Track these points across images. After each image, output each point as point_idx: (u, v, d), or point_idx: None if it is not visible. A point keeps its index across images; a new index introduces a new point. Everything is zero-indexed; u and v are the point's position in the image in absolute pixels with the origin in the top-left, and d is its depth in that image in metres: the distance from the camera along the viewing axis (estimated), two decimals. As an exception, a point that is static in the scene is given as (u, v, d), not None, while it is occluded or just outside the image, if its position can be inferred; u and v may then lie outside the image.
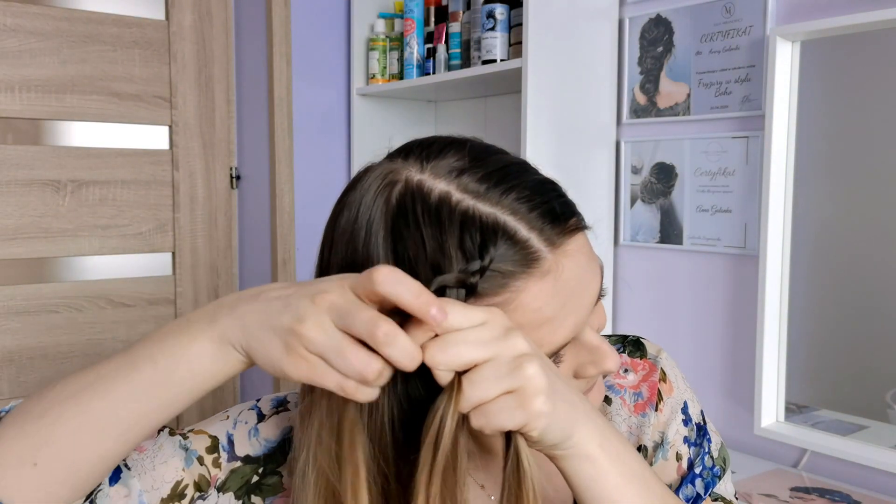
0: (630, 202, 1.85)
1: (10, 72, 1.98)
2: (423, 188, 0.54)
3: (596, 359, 0.58)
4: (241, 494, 0.65)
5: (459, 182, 0.54)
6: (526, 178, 0.55)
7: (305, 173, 2.23)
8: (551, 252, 0.54)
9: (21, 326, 2.02)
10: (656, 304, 1.83)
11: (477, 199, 0.53)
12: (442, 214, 0.53)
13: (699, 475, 0.71)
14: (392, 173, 0.56)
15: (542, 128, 1.73)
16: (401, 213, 0.54)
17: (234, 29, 2.30)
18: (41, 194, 2.04)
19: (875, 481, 1.47)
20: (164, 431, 0.65)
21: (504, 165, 0.56)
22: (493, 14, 1.83)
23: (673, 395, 0.73)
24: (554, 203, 0.55)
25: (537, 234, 0.53)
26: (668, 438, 0.72)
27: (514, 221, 0.53)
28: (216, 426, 0.67)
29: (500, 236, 0.52)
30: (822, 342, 1.57)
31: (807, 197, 1.55)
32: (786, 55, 1.54)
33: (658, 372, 0.73)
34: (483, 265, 0.52)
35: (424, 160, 0.56)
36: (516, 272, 0.53)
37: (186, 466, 0.63)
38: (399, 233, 0.53)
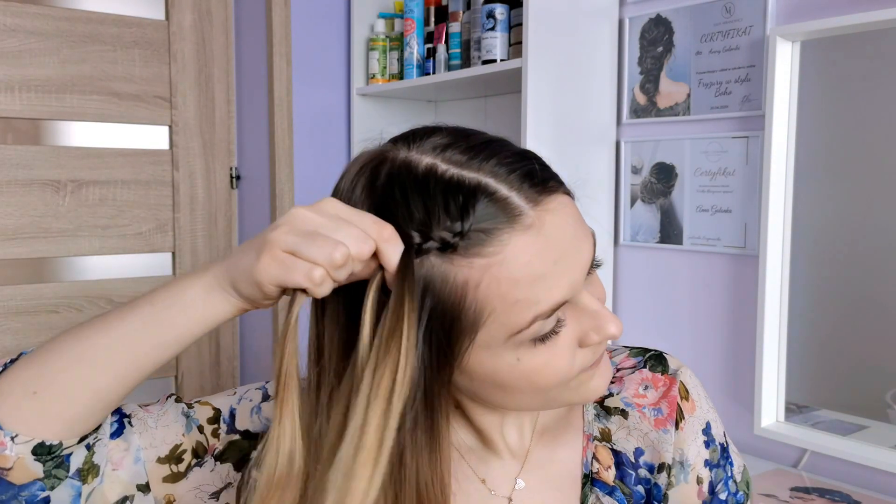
0: (630, 202, 1.85)
1: (10, 72, 1.98)
2: (409, 163, 0.57)
3: (598, 324, 0.59)
4: (241, 467, 0.67)
5: (444, 155, 0.57)
6: (507, 148, 0.59)
7: (305, 173, 2.23)
8: (532, 209, 0.56)
9: (21, 326, 2.02)
10: (656, 304, 1.83)
11: (461, 167, 0.56)
12: (429, 183, 0.56)
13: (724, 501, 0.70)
14: (379, 155, 0.60)
15: (542, 128, 1.73)
16: (388, 187, 0.57)
17: (234, 29, 2.30)
18: (41, 194, 2.04)
19: (875, 481, 1.48)
20: (172, 398, 0.68)
21: (486, 140, 0.59)
22: (493, 14, 1.83)
23: (695, 413, 0.72)
24: (532, 166, 0.58)
25: (517, 192, 0.56)
26: (689, 460, 0.70)
27: (494, 183, 0.56)
28: (221, 399, 0.70)
29: (480, 196, 0.55)
30: (822, 342, 1.57)
31: (807, 197, 1.55)
32: (786, 55, 1.54)
33: (677, 386, 0.72)
34: (464, 227, 0.54)
35: (410, 143, 0.59)
36: (499, 227, 0.55)
37: (186, 432, 0.66)
38: (386, 206, 0.56)
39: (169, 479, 0.64)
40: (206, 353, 2.32)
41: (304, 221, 0.54)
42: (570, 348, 0.59)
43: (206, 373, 2.33)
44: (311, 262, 0.52)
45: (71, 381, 0.56)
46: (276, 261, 0.53)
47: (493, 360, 0.58)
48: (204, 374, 2.32)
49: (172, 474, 0.64)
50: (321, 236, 0.53)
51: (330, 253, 0.52)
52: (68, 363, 0.56)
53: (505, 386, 0.59)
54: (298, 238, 0.53)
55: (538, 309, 0.56)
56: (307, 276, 0.52)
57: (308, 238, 0.53)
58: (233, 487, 0.67)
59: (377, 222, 0.54)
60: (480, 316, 0.56)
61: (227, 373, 2.36)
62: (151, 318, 0.57)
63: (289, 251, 0.53)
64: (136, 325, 0.57)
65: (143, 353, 0.57)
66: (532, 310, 0.55)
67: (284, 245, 0.53)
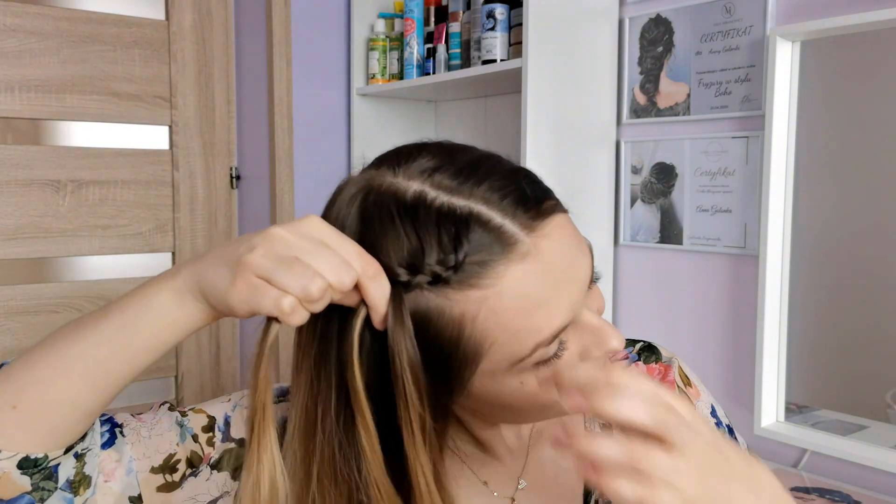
0: (630, 202, 1.85)
1: (10, 72, 1.98)
2: (396, 190, 0.55)
3: (599, 339, 0.58)
4: (238, 476, 0.66)
5: (432, 180, 0.55)
6: (497, 169, 0.56)
7: (305, 173, 2.23)
8: (528, 235, 0.54)
9: (21, 326, 2.02)
10: (656, 305, 1.83)
11: (451, 194, 0.54)
12: (418, 212, 0.53)
13: None
14: (365, 182, 0.57)
15: (542, 128, 1.73)
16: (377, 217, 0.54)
17: (234, 29, 2.30)
18: (41, 194, 2.04)
19: (875, 481, 1.47)
20: (165, 406, 0.67)
21: (475, 159, 0.57)
22: (493, 14, 1.83)
23: (701, 398, 0.72)
24: (525, 188, 0.56)
25: (511, 220, 0.54)
26: None
27: (486, 210, 0.54)
28: (216, 407, 0.69)
29: (473, 226, 0.53)
30: (822, 342, 1.57)
31: (807, 197, 1.55)
32: (786, 55, 1.54)
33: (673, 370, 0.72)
34: (457, 258, 0.52)
35: (396, 166, 0.57)
36: (494, 259, 0.53)
37: (181, 441, 0.65)
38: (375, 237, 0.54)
39: (163, 488, 0.63)
40: (206, 353, 2.32)
41: (282, 244, 0.51)
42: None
43: (205, 373, 2.33)
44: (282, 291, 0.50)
45: (48, 392, 0.55)
46: (248, 285, 0.51)
47: (497, 385, 0.57)
48: (204, 374, 2.32)
49: (167, 483, 0.63)
50: (299, 263, 0.50)
51: (305, 285, 0.50)
52: (44, 374, 0.55)
53: (509, 407, 0.59)
54: (273, 264, 0.51)
55: (540, 336, 0.55)
56: (276, 305, 0.50)
57: (283, 264, 0.50)
58: (229, 496, 0.66)
59: (362, 255, 0.52)
60: (481, 348, 0.55)
61: (227, 373, 2.36)
62: (122, 327, 0.55)
63: (262, 276, 0.51)
64: (109, 334, 0.55)
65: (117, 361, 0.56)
66: (533, 338, 0.54)
67: (258, 269, 0.51)
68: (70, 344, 0.56)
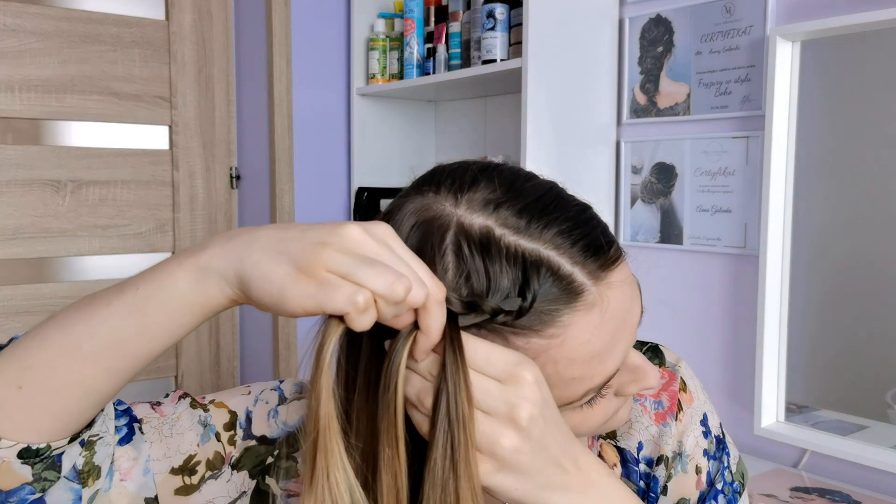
0: (630, 202, 1.85)
1: (10, 72, 1.98)
2: (462, 224, 0.53)
3: (637, 378, 0.59)
4: (256, 474, 0.65)
5: (498, 216, 0.53)
6: (563, 209, 0.55)
7: (305, 173, 2.23)
8: (595, 285, 0.53)
9: (21, 326, 2.02)
10: (656, 305, 1.83)
11: (518, 234, 0.52)
12: (484, 250, 0.52)
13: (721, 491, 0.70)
14: (425, 209, 0.54)
15: (542, 128, 1.73)
16: (439, 247, 0.52)
17: (234, 29, 2.30)
18: (41, 194, 2.04)
19: (875, 481, 1.47)
20: (186, 400, 0.65)
21: (539, 196, 0.55)
22: (493, 14, 1.83)
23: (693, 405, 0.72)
24: (594, 234, 0.54)
25: (580, 268, 0.53)
26: (687, 451, 0.71)
27: (556, 256, 0.52)
28: (236, 399, 0.67)
29: (543, 273, 0.52)
30: (822, 342, 1.57)
31: (807, 197, 1.55)
32: (786, 55, 1.54)
33: (678, 381, 0.73)
34: (523, 304, 0.51)
35: (458, 192, 0.54)
36: (561, 308, 0.52)
37: (202, 443, 0.63)
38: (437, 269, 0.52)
39: (181, 491, 0.62)
40: (206, 353, 2.32)
41: (356, 243, 0.47)
42: (609, 401, 0.59)
43: (205, 373, 2.33)
44: (358, 286, 0.45)
45: (56, 374, 0.51)
46: (318, 280, 0.46)
47: None
48: (204, 374, 2.32)
49: (185, 486, 0.62)
50: (380, 263, 0.46)
51: (391, 282, 0.45)
52: (52, 354, 0.51)
53: None
54: (352, 260, 0.46)
55: (592, 383, 0.55)
56: (350, 299, 0.45)
57: (365, 262, 0.46)
58: (247, 496, 0.65)
59: (433, 277, 0.49)
60: None
61: (227, 373, 2.36)
62: (136, 305, 0.50)
63: (336, 272, 0.46)
64: (121, 313, 0.50)
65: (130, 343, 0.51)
66: (586, 385, 0.55)
67: (332, 264, 0.46)
68: (80, 322, 0.51)
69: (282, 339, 2.22)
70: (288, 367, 2.22)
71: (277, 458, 0.65)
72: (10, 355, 0.52)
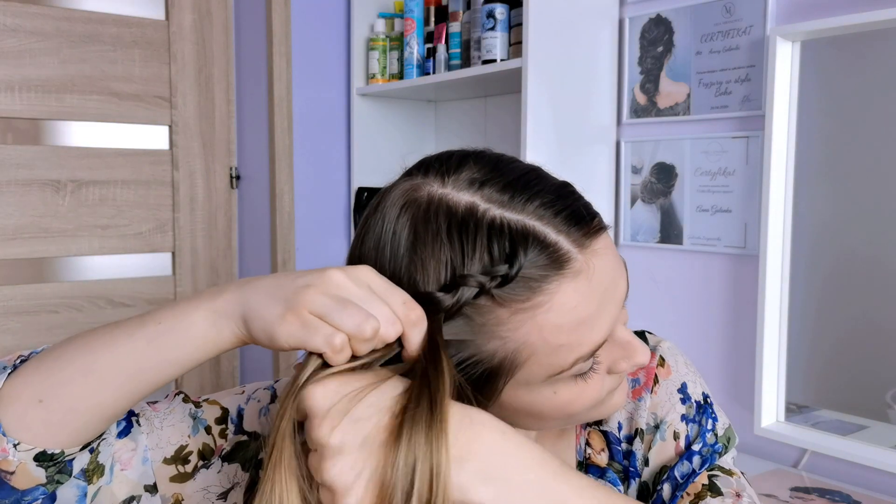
0: (630, 202, 1.85)
1: (10, 72, 1.98)
2: (447, 201, 0.55)
3: (628, 353, 0.60)
4: (249, 468, 0.68)
5: (483, 193, 0.55)
6: (545, 184, 0.57)
7: (305, 173, 2.23)
8: (581, 253, 0.55)
9: (21, 326, 2.02)
10: (656, 305, 1.83)
11: (503, 207, 0.55)
12: (469, 225, 0.54)
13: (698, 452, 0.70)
14: (413, 190, 0.57)
15: (542, 128, 1.73)
16: (427, 227, 0.55)
17: (234, 29, 2.30)
18: (41, 194, 2.04)
19: (875, 481, 1.47)
20: (179, 397, 0.68)
21: (522, 174, 0.58)
22: (493, 14, 1.83)
23: (670, 377, 0.73)
24: (577, 205, 0.57)
25: (565, 237, 0.55)
26: (666, 419, 0.71)
27: (541, 226, 0.54)
28: (230, 398, 0.70)
29: (529, 242, 0.54)
30: (822, 342, 1.57)
31: (807, 197, 1.55)
32: (786, 55, 1.54)
33: (656, 359, 0.74)
34: (509, 272, 0.53)
35: (445, 174, 0.57)
36: (549, 275, 0.54)
37: (193, 434, 0.66)
38: (425, 248, 0.55)
39: (176, 479, 0.65)
40: (206, 353, 2.32)
41: (338, 287, 0.52)
42: (601, 378, 0.60)
43: (206, 373, 2.33)
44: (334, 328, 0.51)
45: (76, 392, 0.55)
46: (301, 321, 0.51)
47: (530, 395, 0.58)
48: (204, 374, 2.32)
49: (179, 474, 0.65)
50: (353, 305, 0.51)
51: (360, 323, 0.50)
52: (74, 374, 0.56)
53: (537, 415, 0.60)
54: (330, 302, 0.51)
55: (581, 351, 0.56)
56: (328, 341, 0.50)
57: (340, 304, 0.51)
58: (240, 488, 0.67)
59: (407, 303, 0.53)
60: (519, 359, 0.55)
61: (227, 373, 2.36)
62: (156, 338, 0.56)
63: (316, 314, 0.51)
64: (141, 344, 0.56)
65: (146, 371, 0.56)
66: (575, 352, 0.56)
67: (313, 306, 0.51)
68: (102, 348, 0.56)
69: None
70: (288, 367, 2.22)
71: None
72: (35, 369, 0.57)
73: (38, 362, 0.57)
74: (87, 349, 0.56)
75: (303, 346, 0.51)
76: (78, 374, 0.56)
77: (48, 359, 0.57)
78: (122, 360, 0.56)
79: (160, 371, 0.56)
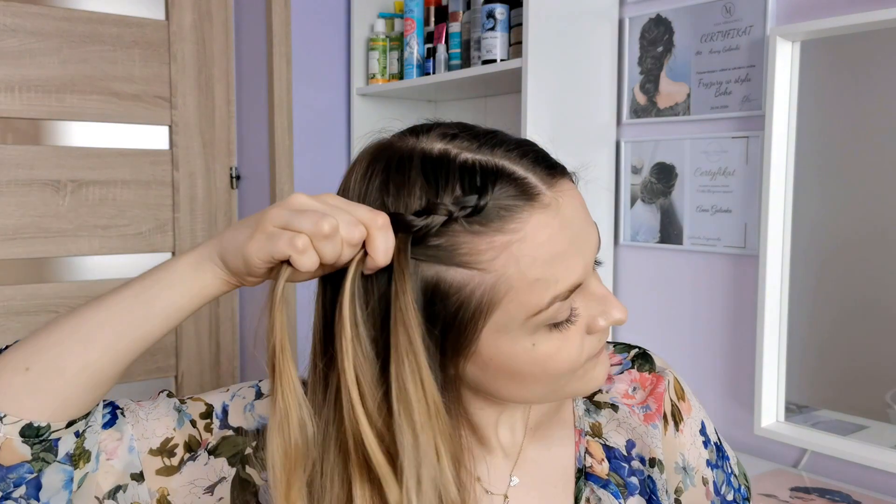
0: (630, 202, 1.85)
1: (10, 72, 1.98)
2: (422, 147, 0.59)
3: (605, 309, 0.61)
4: (235, 462, 0.67)
5: (454, 143, 0.59)
6: (511, 137, 0.61)
7: (305, 173, 2.23)
8: (548, 189, 0.58)
9: (21, 326, 2.02)
10: (656, 305, 1.83)
11: (473, 152, 0.58)
12: (442, 164, 0.57)
13: (733, 501, 0.72)
14: (388, 145, 0.61)
15: (543, 128, 1.73)
16: (402, 168, 0.58)
17: (234, 29, 2.30)
18: (41, 194, 2.04)
19: (875, 481, 1.48)
20: (164, 393, 0.69)
21: (489, 130, 0.62)
22: (493, 14, 1.83)
23: (692, 414, 0.73)
24: (542, 152, 0.61)
25: (533, 174, 0.58)
26: (692, 464, 0.72)
27: (510, 164, 0.58)
28: (214, 396, 0.70)
29: (499, 176, 0.57)
30: (822, 342, 1.57)
31: (807, 197, 1.55)
32: (786, 55, 1.54)
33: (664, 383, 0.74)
34: (479, 202, 0.55)
35: (417, 133, 0.61)
36: (518, 205, 0.56)
37: (178, 427, 0.66)
38: (400, 185, 0.57)
39: (162, 471, 0.64)
40: (206, 353, 2.32)
41: (300, 203, 0.55)
42: (580, 335, 0.60)
43: (205, 373, 2.33)
44: (296, 232, 0.54)
45: (62, 355, 0.57)
46: (266, 234, 0.55)
47: (510, 344, 0.58)
48: (204, 374, 2.32)
49: (165, 467, 0.64)
50: (311, 210, 0.54)
51: (316, 221, 0.53)
52: (60, 338, 0.57)
53: (518, 374, 0.60)
54: (290, 213, 0.55)
55: (557, 289, 0.57)
56: (290, 243, 0.53)
57: (299, 212, 0.54)
58: (227, 482, 0.67)
59: (371, 210, 0.56)
60: (496, 295, 0.56)
61: (227, 373, 2.36)
62: (141, 292, 0.58)
63: (279, 225, 0.55)
64: (128, 300, 0.58)
65: (132, 326, 0.58)
66: (551, 290, 0.57)
67: (275, 220, 0.55)
68: (90, 311, 0.58)
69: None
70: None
71: (256, 450, 0.68)
72: (21, 344, 0.58)
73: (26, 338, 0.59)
74: (75, 313, 0.58)
75: (270, 255, 0.54)
76: (64, 338, 0.57)
77: (37, 332, 0.59)
78: (110, 316, 0.58)
79: (146, 324, 0.58)
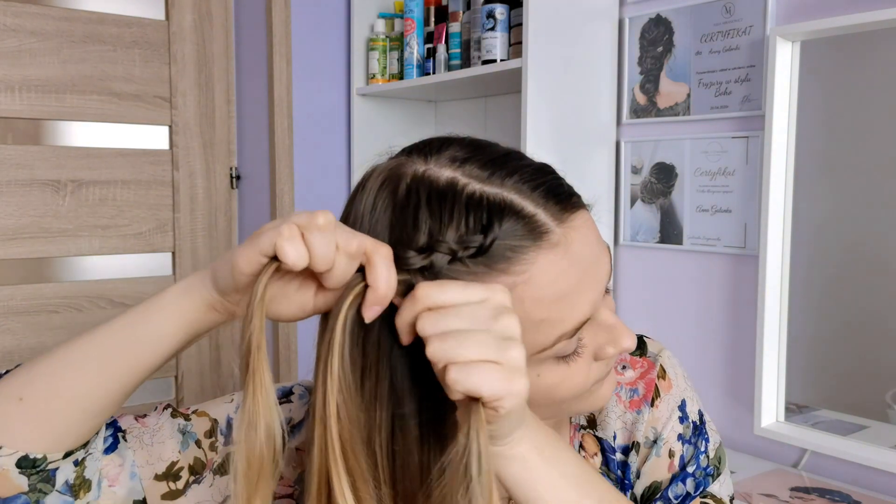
0: (630, 202, 1.85)
1: (10, 72, 1.98)
2: (429, 176, 0.55)
3: (613, 338, 0.60)
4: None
5: (464, 169, 0.56)
6: (525, 163, 0.58)
7: (305, 173, 2.23)
8: (558, 226, 0.55)
9: (21, 326, 2.02)
10: (656, 305, 1.83)
11: (482, 182, 0.55)
12: (448, 196, 0.54)
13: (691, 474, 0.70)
14: (396, 167, 0.57)
15: (542, 128, 1.73)
16: (408, 201, 0.55)
17: (234, 29, 2.30)
18: (41, 194, 2.04)
19: (875, 481, 1.47)
20: (168, 411, 0.67)
21: (503, 153, 0.58)
22: (493, 14, 1.83)
23: (671, 392, 0.73)
24: (555, 182, 0.57)
25: (543, 210, 0.55)
26: (663, 436, 0.71)
27: (519, 199, 0.54)
28: (219, 408, 0.69)
29: (506, 213, 0.54)
30: (822, 342, 1.57)
31: (807, 197, 1.55)
32: (786, 55, 1.54)
33: (656, 369, 0.73)
34: (483, 242, 0.53)
35: (427, 154, 0.57)
36: (525, 245, 0.54)
37: (182, 449, 0.65)
38: (404, 218, 0.54)
39: (168, 496, 0.64)
40: (206, 353, 2.32)
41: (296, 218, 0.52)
42: (587, 363, 0.59)
43: (206, 373, 2.33)
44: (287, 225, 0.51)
45: (54, 384, 0.55)
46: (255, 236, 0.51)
47: None
48: (204, 374, 2.32)
49: (171, 492, 0.64)
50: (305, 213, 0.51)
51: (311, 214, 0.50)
52: (54, 368, 0.56)
53: None
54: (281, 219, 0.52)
55: (563, 328, 0.56)
56: (275, 230, 0.50)
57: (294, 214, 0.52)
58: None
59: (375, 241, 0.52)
60: None
61: (227, 373, 2.36)
62: (132, 320, 0.56)
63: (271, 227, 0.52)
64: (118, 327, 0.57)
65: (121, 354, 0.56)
66: (557, 329, 0.55)
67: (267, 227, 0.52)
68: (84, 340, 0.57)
69: (282, 340, 2.22)
70: (289, 367, 2.22)
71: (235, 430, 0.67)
72: (16, 373, 0.57)
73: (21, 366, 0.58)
74: (70, 344, 0.57)
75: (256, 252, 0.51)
76: (58, 367, 0.56)
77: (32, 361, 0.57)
78: (98, 345, 0.56)
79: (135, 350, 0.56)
